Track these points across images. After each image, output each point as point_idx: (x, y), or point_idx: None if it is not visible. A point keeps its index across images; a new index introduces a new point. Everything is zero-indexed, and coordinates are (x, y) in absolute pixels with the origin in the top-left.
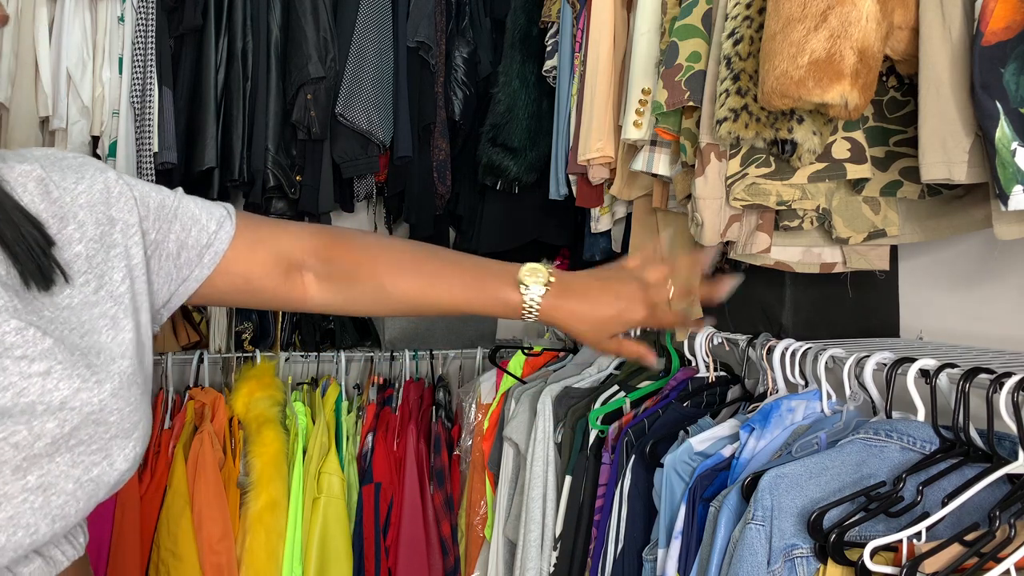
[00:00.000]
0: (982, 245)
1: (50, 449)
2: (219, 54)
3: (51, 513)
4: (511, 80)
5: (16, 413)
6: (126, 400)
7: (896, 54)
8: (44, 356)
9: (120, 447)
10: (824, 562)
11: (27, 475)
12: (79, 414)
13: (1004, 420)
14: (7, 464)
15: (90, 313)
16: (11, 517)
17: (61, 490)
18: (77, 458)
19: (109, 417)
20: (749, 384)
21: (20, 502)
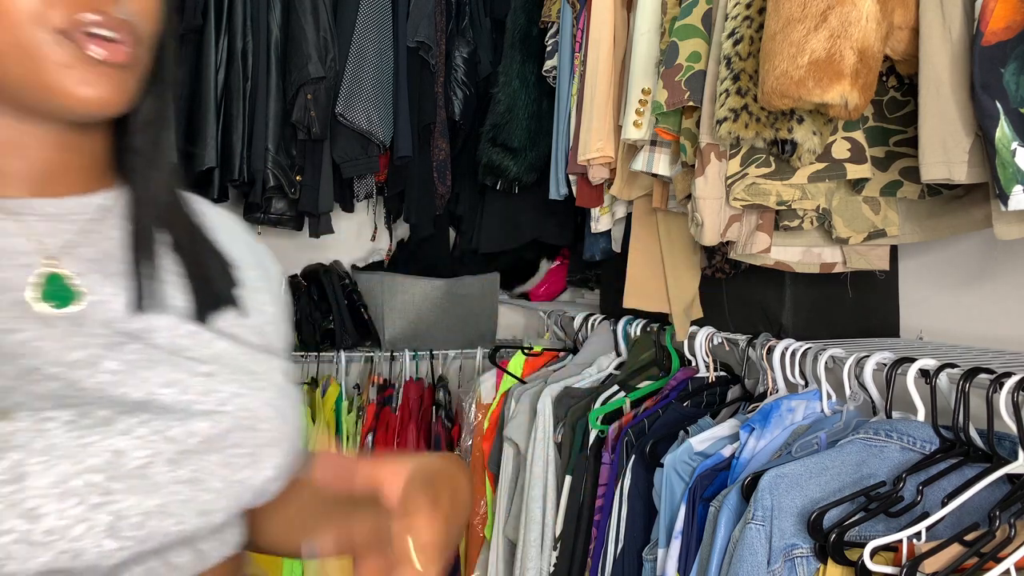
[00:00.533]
0: (982, 245)
1: (203, 447)
2: (219, 54)
3: (198, 507)
4: (511, 80)
5: (176, 410)
6: (278, 410)
7: (896, 54)
8: (212, 360)
9: (269, 455)
10: (824, 562)
11: (179, 468)
12: (233, 418)
13: (1004, 420)
14: (161, 456)
15: (255, 332)
16: (160, 505)
17: (209, 487)
18: (227, 459)
19: (261, 424)
20: (749, 384)
21: (170, 492)
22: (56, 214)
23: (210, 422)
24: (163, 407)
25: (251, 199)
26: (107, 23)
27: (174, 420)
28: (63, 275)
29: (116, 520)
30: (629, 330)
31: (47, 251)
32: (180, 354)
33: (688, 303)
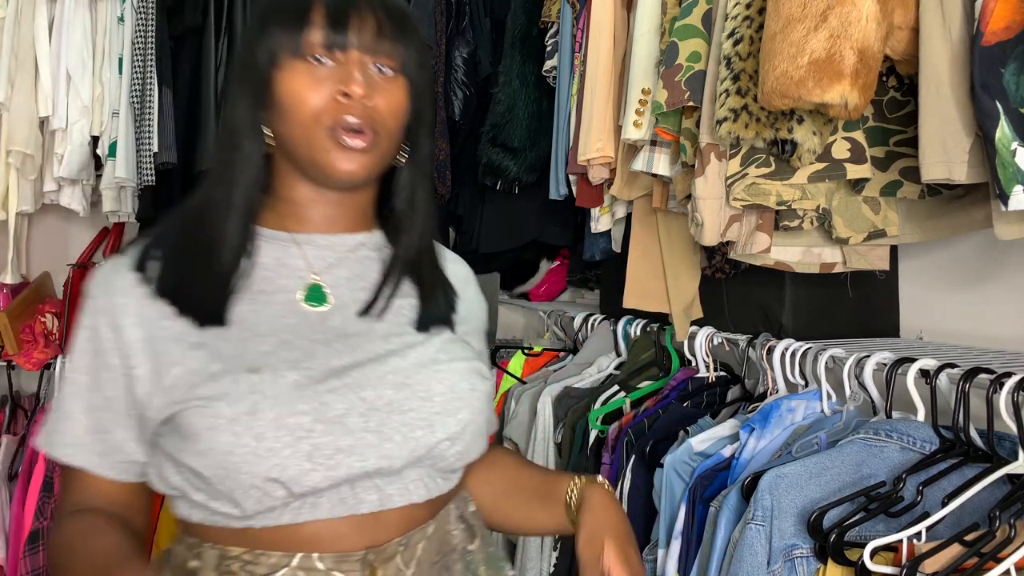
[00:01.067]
0: (982, 245)
1: (387, 408)
2: (219, 54)
3: (379, 452)
4: (511, 80)
5: (373, 380)
6: (454, 391)
7: (896, 54)
8: (409, 350)
9: (442, 422)
10: (824, 562)
11: (368, 421)
12: (413, 391)
13: (1004, 420)
14: (355, 409)
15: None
16: (350, 445)
17: (390, 438)
18: (406, 420)
19: (435, 398)
20: (749, 384)
21: (358, 437)
22: (325, 245)
23: (395, 391)
24: (365, 375)
25: None
26: (356, 123)
27: (368, 385)
28: (320, 285)
29: (313, 450)
30: (629, 330)
31: (313, 269)
32: (387, 344)
33: (688, 303)
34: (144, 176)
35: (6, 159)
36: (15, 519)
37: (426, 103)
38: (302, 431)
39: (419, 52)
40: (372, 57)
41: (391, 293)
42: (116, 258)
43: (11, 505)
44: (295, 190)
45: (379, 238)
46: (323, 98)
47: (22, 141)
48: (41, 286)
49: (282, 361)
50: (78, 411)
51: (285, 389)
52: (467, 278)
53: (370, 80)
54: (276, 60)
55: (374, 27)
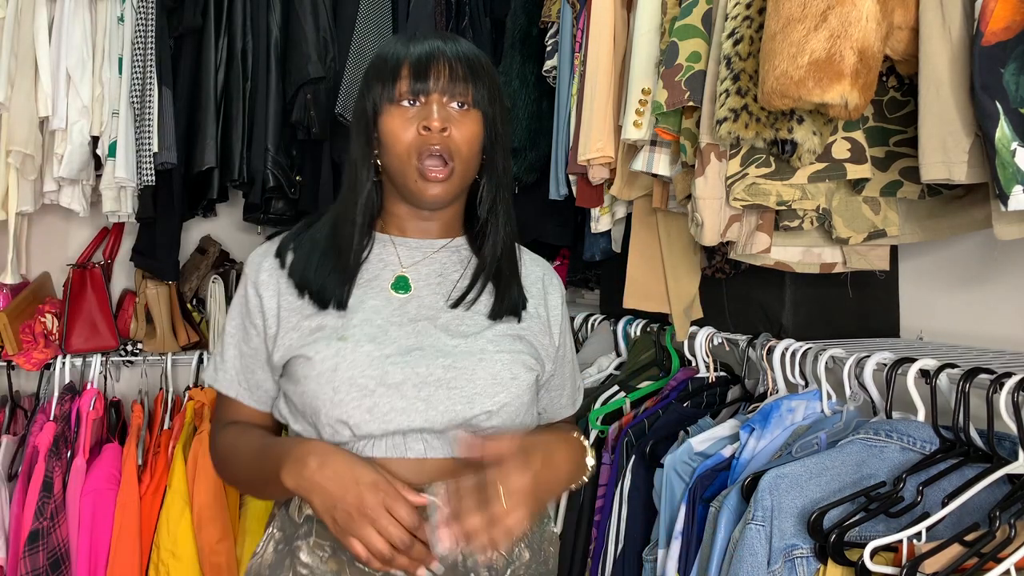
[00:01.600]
0: (982, 245)
1: (435, 382)
2: (219, 54)
3: (425, 416)
4: (511, 80)
5: (430, 358)
6: (493, 375)
7: (896, 54)
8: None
9: (480, 401)
10: (824, 562)
11: (420, 391)
12: (458, 371)
13: (1004, 420)
14: (410, 380)
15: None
16: (402, 407)
17: (435, 407)
18: (451, 395)
19: (476, 380)
20: (749, 384)
21: (410, 401)
22: (416, 247)
23: (444, 371)
24: (424, 356)
25: (251, 199)
26: (436, 150)
27: (424, 363)
28: (406, 276)
29: (373, 406)
30: (629, 330)
31: (403, 264)
32: (447, 331)
33: (688, 303)
34: (144, 176)
35: (6, 159)
36: (15, 519)
37: (500, 128)
38: (367, 391)
39: (490, 88)
40: (448, 97)
41: (467, 288)
42: (267, 245)
43: (11, 505)
44: (396, 206)
45: (461, 242)
46: (411, 133)
47: (22, 141)
48: (41, 286)
49: (364, 335)
50: (232, 356)
51: (360, 357)
52: (542, 277)
53: (447, 115)
54: (378, 107)
55: (448, 74)
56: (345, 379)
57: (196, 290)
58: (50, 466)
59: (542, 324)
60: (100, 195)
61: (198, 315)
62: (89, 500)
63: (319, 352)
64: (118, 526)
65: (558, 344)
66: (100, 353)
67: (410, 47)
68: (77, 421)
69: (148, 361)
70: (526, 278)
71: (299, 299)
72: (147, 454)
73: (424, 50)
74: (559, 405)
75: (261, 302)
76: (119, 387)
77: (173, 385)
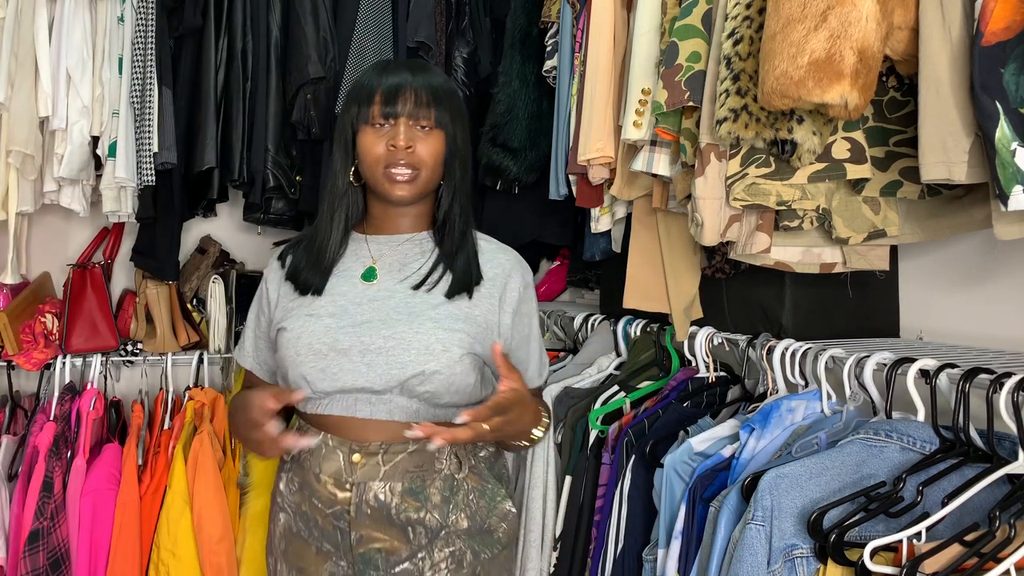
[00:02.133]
0: (982, 245)
1: (376, 349)
2: (219, 54)
3: (367, 378)
4: (511, 80)
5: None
6: (426, 346)
7: (896, 54)
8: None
9: (413, 367)
10: (824, 562)
11: (364, 356)
12: (397, 341)
13: (1004, 420)
14: (355, 348)
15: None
16: (349, 369)
17: (376, 371)
18: (388, 359)
19: (411, 349)
20: (749, 384)
21: (355, 365)
22: (384, 242)
23: (384, 339)
24: (371, 327)
25: (251, 199)
26: (402, 165)
27: (369, 334)
28: (374, 268)
29: (325, 366)
30: (629, 330)
31: (371, 256)
32: (397, 310)
33: (688, 303)
34: (144, 176)
35: (6, 159)
36: (15, 519)
37: (459, 143)
38: (320, 354)
39: (450, 112)
40: (414, 120)
41: (427, 273)
42: (277, 253)
43: (11, 505)
44: (373, 207)
45: (425, 236)
46: (381, 149)
47: (22, 141)
48: (41, 286)
49: (326, 312)
50: (250, 338)
51: (319, 328)
52: (504, 264)
53: (412, 135)
54: (355, 126)
55: (414, 100)
56: (305, 344)
57: (196, 290)
58: (50, 466)
59: (493, 304)
60: (100, 195)
61: (198, 315)
62: (89, 500)
63: (292, 324)
64: (118, 526)
65: (511, 323)
66: (100, 353)
67: (383, 78)
68: (77, 421)
69: (148, 361)
70: (487, 264)
71: (291, 289)
72: (147, 454)
73: (394, 81)
74: (525, 379)
75: (268, 294)
76: (119, 387)
77: (173, 385)
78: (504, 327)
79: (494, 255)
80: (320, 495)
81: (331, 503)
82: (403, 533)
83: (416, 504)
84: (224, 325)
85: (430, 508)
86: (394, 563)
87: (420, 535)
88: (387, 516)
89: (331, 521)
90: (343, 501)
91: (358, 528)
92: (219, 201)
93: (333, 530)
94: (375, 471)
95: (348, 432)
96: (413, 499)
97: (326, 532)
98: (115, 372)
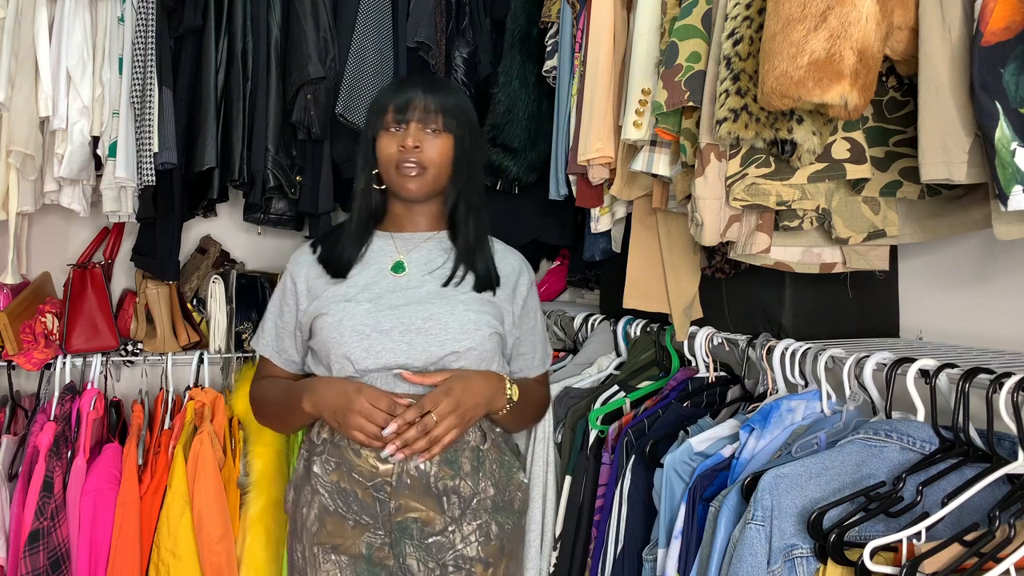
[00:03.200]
0: (982, 245)
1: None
2: (219, 54)
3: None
4: (511, 80)
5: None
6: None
7: (896, 54)
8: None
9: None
10: (824, 562)
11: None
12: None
13: (1004, 420)
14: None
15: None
16: (391, 348)
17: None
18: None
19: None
20: (749, 384)
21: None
22: (407, 238)
23: (423, 320)
24: (409, 310)
25: (251, 199)
26: (411, 163)
27: (408, 315)
28: (403, 261)
29: (369, 346)
30: (629, 330)
31: (398, 251)
32: (430, 297)
33: (688, 303)
34: (144, 176)
35: (6, 159)
36: (15, 519)
37: (467, 145)
38: (363, 334)
39: (457, 117)
40: (423, 125)
41: (452, 271)
42: (306, 244)
43: (11, 505)
44: (392, 206)
45: (443, 235)
46: (393, 149)
47: (22, 141)
48: (41, 286)
49: (364, 298)
50: (269, 327)
51: (360, 312)
52: (513, 264)
53: (421, 137)
54: (374, 132)
55: (423, 108)
56: (348, 327)
57: (196, 290)
58: (50, 466)
59: (507, 296)
60: (100, 195)
61: (198, 315)
62: (89, 500)
63: (331, 310)
64: (118, 526)
65: (520, 315)
66: (100, 353)
67: (398, 91)
68: (77, 421)
69: (148, 361)
70: (500, 263)
71: (322, 276)
72: (147, 454)
73: (408, 93)
74: (531, 365)
75: (295, 287)
76: (119, 387)
77: (173, 385)
78: (515, 317)
79: (504, 256)
80: (360, 470)
81: (372, 476)
82: (438, 503)
83: (451, 472)
84: (224, 325)
85: (463, 476)
86: (428, 534)
87: (454, 505)
88: (426, 485)
89: (371, 493)
90: (384, 473)
91: (398, 498)
92: (219, 201)
93: (373, 502)
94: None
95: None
96: (448, 467)
97: (365, 504)
98: (115, 372)
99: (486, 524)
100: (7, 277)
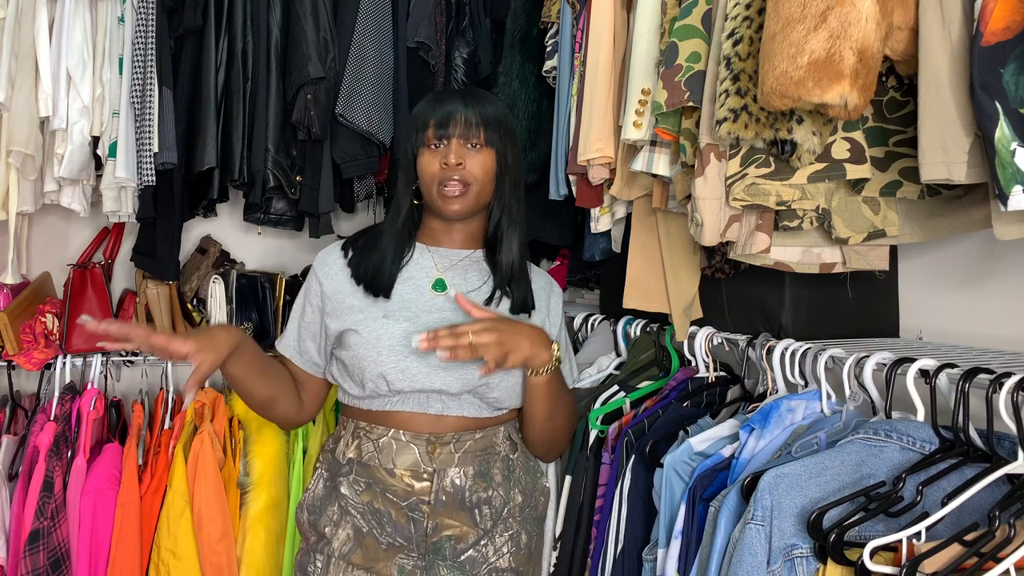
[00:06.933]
0: (982, 245)
1: None
2: (219, 54)
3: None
4: (511, 80)
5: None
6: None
7: (896, 54)
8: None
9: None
10: (824, 562)
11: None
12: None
13: (1004, 420)
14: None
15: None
16: (428, 372)
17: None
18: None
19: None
20: (749, 384)
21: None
22: (445, 254)
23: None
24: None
25: (251, 199)
26: (454, 182)
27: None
28: (443, 279)
29: (405, 367)
30: (629, 330)
31: (437, 268)
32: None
33: (688, 303)
34: (144, 176)
35: (6, 159)
36: (15, 519)
37: (509, 161)
38: (401, 355)
39: (499, 132)
40: (465, 140)
41: (491, 293)
42: (334, 245)
43: (11, 505)
44: (432, 221)
45: (480, 255)
46: (435, 167)
47: (22, 141)
48: (41, 286)
49: (402, 316)
50: (292, 328)
51: (398, 331)
52: (545, 287)
53: (463, 153)
54: (415, 149)
55: (464, 122)
56: (386, 346)
57: (196, 290)
58: (50, 466)
59: (542, 320)
60: (100, 195)
61: (198, 315)
62: (89, 500)
63: (367, 327)
64: (118, 526)
65: (555, 337)
66: (100, 353)
67: (437, 105)
68: (77, 421)
69: (149, 361)
70: (534, 285)
71: (354, 286)
72: (147, 454)
73: (448, 107)
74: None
75: (321, 288)
76: (120, 387)
77: (173, 385)
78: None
79: (537, 278)
80: (395, 489)
81: (407, 495)
82: (471, 517)
83: (484, 484)
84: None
85: (495, 487)
86: (461, 551)
87: (486, 517)
88: (460, 500)
89: (405, 513)
90: (420, 491)
91: (434, 516)
92: (219, 201)
93: (407, 522)
94: (450, 459)
95: (420, 426)
96: (482, 480)
97: (399, 526)
98: (115, 372)
99: (516, 534)
100: (7, 277)
